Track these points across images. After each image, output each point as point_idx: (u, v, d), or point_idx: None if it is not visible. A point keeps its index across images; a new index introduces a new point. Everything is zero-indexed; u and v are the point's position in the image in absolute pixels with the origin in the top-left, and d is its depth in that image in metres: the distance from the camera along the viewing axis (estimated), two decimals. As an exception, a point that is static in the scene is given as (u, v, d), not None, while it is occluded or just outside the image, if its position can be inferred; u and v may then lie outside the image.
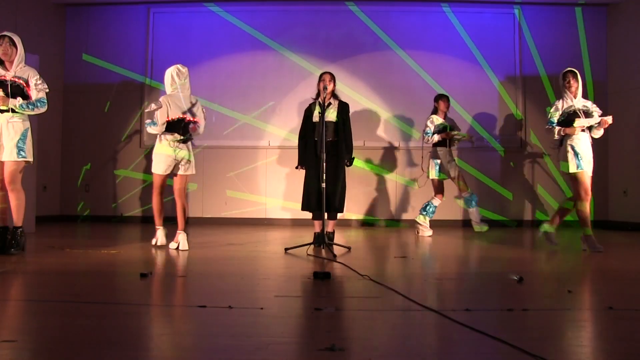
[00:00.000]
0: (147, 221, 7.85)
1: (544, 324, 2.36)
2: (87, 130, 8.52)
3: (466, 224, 7.87)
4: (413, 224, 6.99)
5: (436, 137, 6.68)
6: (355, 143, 5.19)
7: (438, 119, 6.77)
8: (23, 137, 4.37)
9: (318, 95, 5.35)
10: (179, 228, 4.97)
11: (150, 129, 4.99)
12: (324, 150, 4.75)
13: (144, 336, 2.17)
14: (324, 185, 4.74)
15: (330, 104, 5.25)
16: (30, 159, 4.44)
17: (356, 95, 8.08)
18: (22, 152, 4.35)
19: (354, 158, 5.37)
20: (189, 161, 5.03)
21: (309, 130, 5.33)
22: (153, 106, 4.90)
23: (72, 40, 8.61)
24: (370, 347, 1.95)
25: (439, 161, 6.72)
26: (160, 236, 5.13)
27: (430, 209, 6.72)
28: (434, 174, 6.73)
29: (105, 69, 8.51)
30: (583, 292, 3.22)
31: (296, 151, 5.50)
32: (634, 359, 1.85)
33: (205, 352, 1.88)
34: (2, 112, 4.33)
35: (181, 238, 4.93)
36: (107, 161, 8.48)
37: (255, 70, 8.40)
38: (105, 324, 2.28)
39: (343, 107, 5.35)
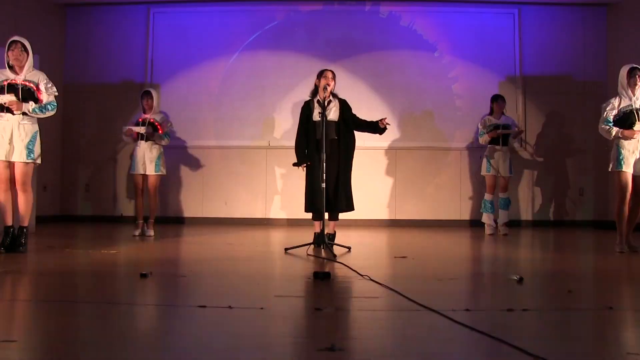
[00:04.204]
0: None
1: (544, 324, 2.36)
2: (87, 130, 8.52)
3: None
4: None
5: (486, 137, 6.77)
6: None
7: (490, 120, 6.84)
8: (33, 139, 4.45)
9: (315, 91, 5.21)
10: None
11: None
12: (324, 150, 4.72)
13: (144, 336, 2.17)
14: (323, 185, 4.71)
15: (330, 101, 5.11)
16: (39, 160, 4.51)
17: (356, 95, 8.05)
18: (31, 154, 4.42)
19: (385, 128, 5.28)
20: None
21: (310, 129, 5.16)
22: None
23: (72, 40, 8.60)
24: (370, 347, 1.95)
25: (490, 158, 6.80)
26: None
27: (486, 206, 6.87)
28: (484, 170, 6.87)
29: (105, 69, 8.51)
30: (583, 291, 3.22)
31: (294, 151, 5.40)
32: (631, 358, 1.85)
33: (205, 352, 1.88)
34: (12, 115, 4.38)
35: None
36: (107, 161, 8.48)
37: (255, 70, 8.39)
38: (105, 324, 2.28)
39: (345, 105, 5.21)
